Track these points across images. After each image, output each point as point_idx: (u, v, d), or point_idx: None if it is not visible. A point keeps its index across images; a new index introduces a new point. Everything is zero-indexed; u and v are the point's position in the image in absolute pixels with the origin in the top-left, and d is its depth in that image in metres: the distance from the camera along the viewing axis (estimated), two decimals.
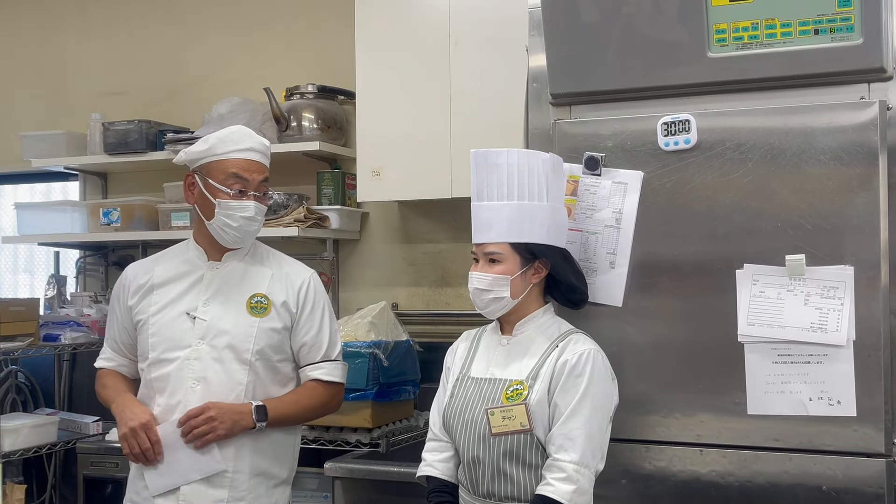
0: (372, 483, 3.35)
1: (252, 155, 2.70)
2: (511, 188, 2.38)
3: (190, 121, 4.38)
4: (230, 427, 2.62)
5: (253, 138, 2.73)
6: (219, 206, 2.67)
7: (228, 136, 2.71)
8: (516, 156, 2.40)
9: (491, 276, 2.39)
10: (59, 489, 4.53)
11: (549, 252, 2.41)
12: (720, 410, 2.47)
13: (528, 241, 2.38)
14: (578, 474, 2.27)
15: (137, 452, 2.63)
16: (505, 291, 2.39)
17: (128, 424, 2.64)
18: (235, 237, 2.71)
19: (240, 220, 2.67)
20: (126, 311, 2.80)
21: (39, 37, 4.97)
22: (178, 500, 2.64)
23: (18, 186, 5.22)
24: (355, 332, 3.56)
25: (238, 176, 2.67)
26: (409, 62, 3.74)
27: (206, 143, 2.71)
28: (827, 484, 2.37)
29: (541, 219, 2.38)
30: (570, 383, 2.33)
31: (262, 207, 2.72)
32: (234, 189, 2.67)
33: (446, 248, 4.07)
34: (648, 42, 2.54)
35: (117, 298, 2.84)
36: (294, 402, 2.75)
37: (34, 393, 4.72)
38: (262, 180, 2.72)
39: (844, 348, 2.35)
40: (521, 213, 2.37)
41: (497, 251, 2.39)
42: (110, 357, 2.88)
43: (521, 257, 2.39)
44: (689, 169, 2.51)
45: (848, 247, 2.37)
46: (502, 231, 2.38)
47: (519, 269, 2.39)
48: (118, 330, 2.84)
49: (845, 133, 2.37)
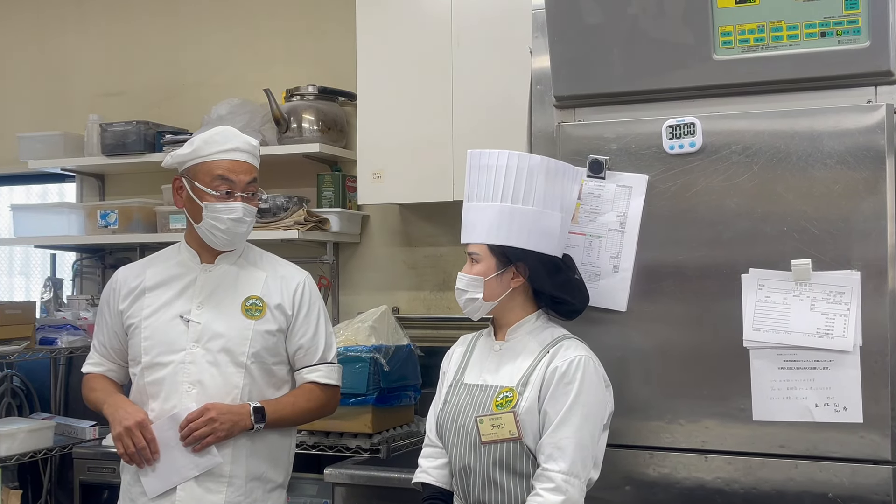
0: (372, 489, 3.32)
1: (238, 155, 2.67)
2: (497, 190, 2.35)
3: (189, 122, 4.36)
4: (230, 428, 2.60)
5: (239, 138, 2.70)
6: (206, 208, 2.64)
7: (213, 136, 2.68)
8: (506, 157, 2.36)
9: (468, 276, 2.38)
10: (55, 494, 4.50)
11: (528, 258, 2.36)
12: (725, 416, 2.45)
13: (504, 244, 2.35)
14: (568, 484, 2.24)
15: (133, 452, 2.59)
16: (478, 293, 2.37)
17: (122, 424, 2.61)
18: (224, 239, 2.68)
19: (227, 221, 2.64)
20: (116, 316, 2.77)
21: (37, 37, 4.94)
22: None
23: (14, 188, 5.19)
24: (356, 336, 3.53)
25: (224, 178, 2.64)
26: (410, 63, 3.71)
27: (191, 146, 2.69)
28: (833, 491, 2.35)
29: (522, 223, 2.34)
30: (560, 391, 2.29)
31: (250, 208, 2.69)
32: (221, 191, 2.64)
33: (447, 251, 4.05)
34: (653, 44, 2.52)
35: (107, 303, 2.81)
36: (291, 403, 2.73)
37: (30, 397, 4.68)
38: (250, 181, 2.68)
39: (851, 354, 2.33)
40: (502, 215, 2.35)
41: (476, 252, 2.38)
42: (98, 362, 2.85)
43: (497, 260, 2.37)
44: (694, 172, 2.49)
45: (855, 251, 2.35)
46: (482, 232, 2.37)
47: (494, 271, 2.37)
48: (108, 335, 2.81)
49: (852, 136, 2.35)
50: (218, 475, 2.63)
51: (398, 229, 4.17)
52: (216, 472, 2.63)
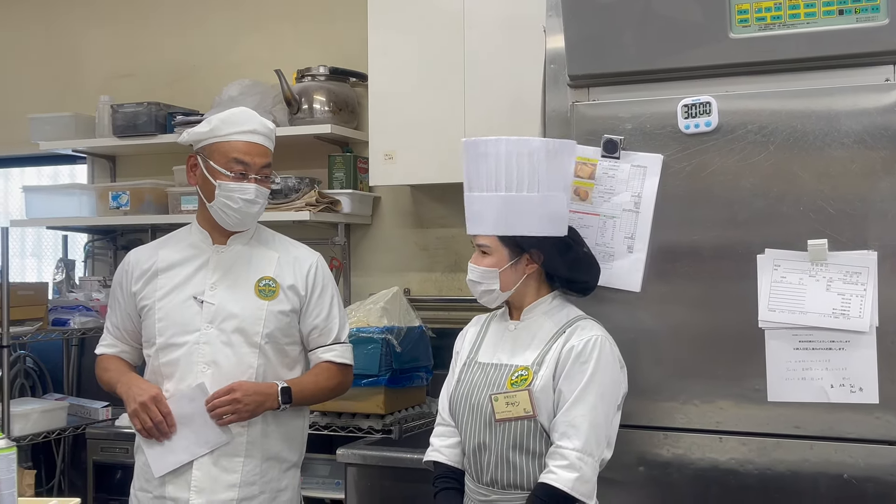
0: (384, 469, 3.33)
1: (255, 138, 2.66)
2: (499, 179, 2.34)
3: (200, 103, 4.34)
4: (254, 409, 2.61)
5: (256, 120, 2.69)
6: (219, 187, 2.64)
7: (231, 117, 2.68)
8: (504, 144, 2.34)
9: (481, 268, 2.37)
10: (68, 475, 4.51)
11: (540, 244, 2.36)
12: (740, 397, 2.44)
13: (514, 234, 2.34)
14: (581, 462, 2.24)
15: (150, 426, 2.60)
16: (494, 284, 2.37)
17: (137, 400, 2.61)
18: (236, 219, 2.68)
19: (240, 201, 2.64)
20: (129, 298, 2.77)
21: (48, 18, 4.93)
22: (190, 487, 2.62)
23: (26, 169, 5.20)
24: (367, 317, 3.53)
25: (239, 160, 2.64)
26: (422, 43, 3.69)
27: (209, 125, 2.68)
28: (848, 472, 2.35)
29: (529, 210, 2.33)
30: (575, 370, 2.30)
31: (263, 190, 2.68)
32: (236, 172, 2.63)
33: (459, 232, 4.03)
34: (669, 22, 2.50)
35: (119, 285, 2.82)
36: (314, 383, 2.75)
37: (43, 378, 4.70)
38: (265, 165, 2.68)
39: (867, 334, 2.32)
40: (507, 205, 2.33)
41: (486, 244, 2.37)
42: (112, 344, 2.85)
43: (510, 250, 2.36)
44: (710, 152, 2.47)
45: (871, 231, 2.33)
46: (489, 224, 2.35)
47: (507, 261, 2.36)
48: (121, 316, 2.81)
49: (870, 116, 2.34)
50: (234, 454, 2.64)
51: (410, 210, 4.16)
52: (232, 452, 2.64)
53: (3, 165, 5.24)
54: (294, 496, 2.78)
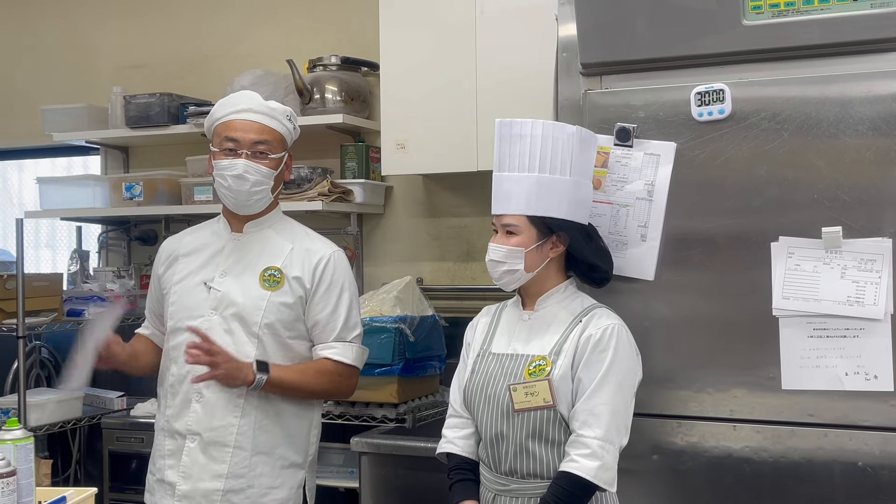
0: (398, 458, 3.34)
1: (248, 115, 2.66)
2: (533, 160, 2.34)
3: (212, 94, 4.34)
4: (228, 372, 2.58)
5: (253, 100, 2.69)
6: (214, 167, 2.68)
7: (228, 99, 2.72)
8: (541, 127, 2.35)
9: (506, 248, 2.36)
10: (84, 464, 4.54)
11: (567, 227, 2.36)
12: (754, 385, 2.43)
13: (545, 215, 2.34)
14: (603, 450, 2.24)
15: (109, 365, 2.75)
16: (519, 264, 2.36)
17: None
18: (232, 198, 2.68)
19: (229, 178, 2.64)
20: (157, 281, 2.85)
21: (61, 10, 4.94)
22: (178, 472, 2.66)
23: (39, 161, 5.21)
24: (381, 306, 3.54)
25: (230, 137, 2.65)
26: (433, 32, 3.68)
27: (211, 111, 2.73)
28: (863, 460, 2.34)
29: (561, 193, 2.34)
30: (594, 358, 2.30)
31: (255, 166, 2.64)
32: (225, 149, 2.65)
33: (471, 221, 4.04)
34: (682, 9, 2.49)
35: (154, 269, 2.89)
36: (300, 371, 2.71)
37: (58, 368, 4.71)
38: (259, 141, 2.65)
39: (882, 322, 2.31)
40: (540, 185, 2.33)
41: (514, 223, 2.36)
42: (146, 325, 2.95)
43: (538, 231, 2.35)
44: (723, 140, 2.46)
45: (886, 219, 2.32)
46: (521, 203, 2.35)
47: (535, 242, 2.35)
48: (153, 300, 2.90)
49: (884, 103, 2.32)
50: (223, 444, 2.64)
51: (422, 200, 4.16)
52: (221, 441, 2.65)
53: (17, 157, 5.26)
54: (291, 496, 2.74)
